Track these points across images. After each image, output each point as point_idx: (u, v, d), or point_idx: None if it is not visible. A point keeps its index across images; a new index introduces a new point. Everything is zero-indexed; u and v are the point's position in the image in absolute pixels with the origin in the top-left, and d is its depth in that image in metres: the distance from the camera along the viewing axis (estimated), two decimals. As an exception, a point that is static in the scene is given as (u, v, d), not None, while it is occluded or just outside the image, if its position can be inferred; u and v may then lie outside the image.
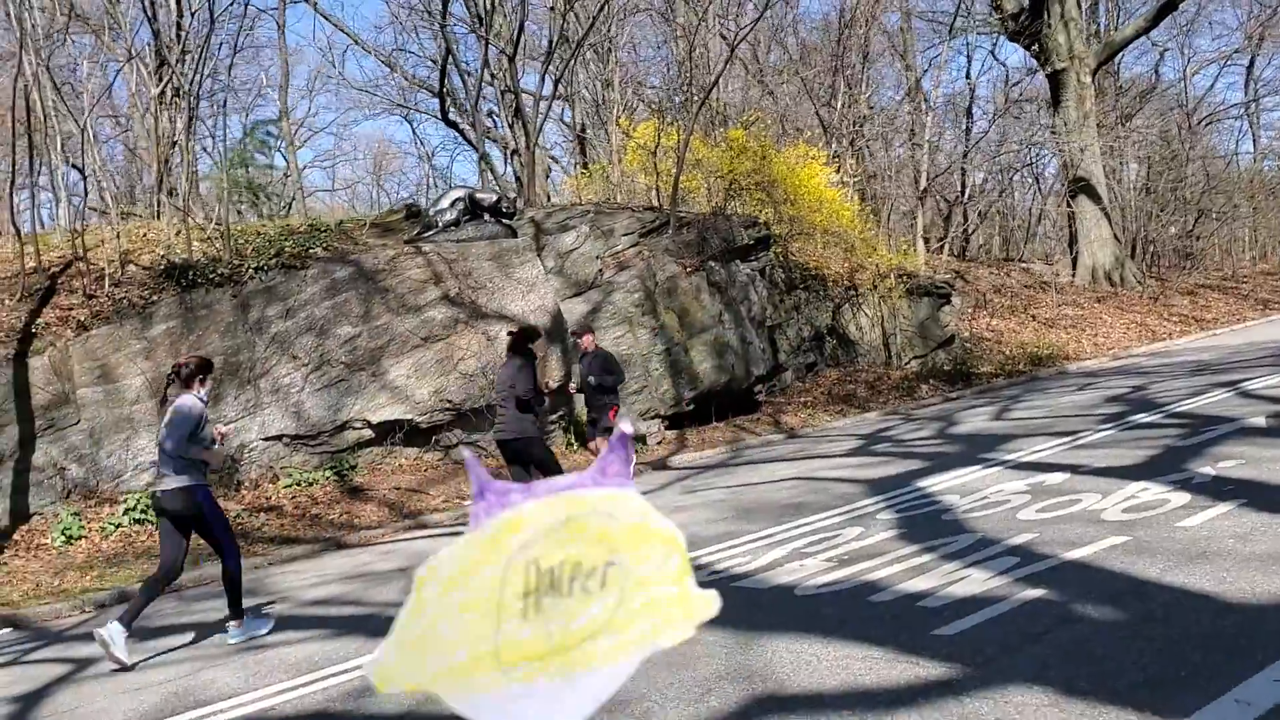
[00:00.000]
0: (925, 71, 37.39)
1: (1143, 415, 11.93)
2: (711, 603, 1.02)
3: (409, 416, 14.26)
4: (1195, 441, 9.49)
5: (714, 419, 16.98)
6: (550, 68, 19.21)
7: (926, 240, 26.35)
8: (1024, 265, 33.60)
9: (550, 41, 18.94)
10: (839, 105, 23.81)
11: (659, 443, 15.91)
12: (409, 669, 0.88)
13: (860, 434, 14.90)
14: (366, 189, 50.98)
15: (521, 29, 19.29)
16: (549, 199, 21.74)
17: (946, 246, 27.13)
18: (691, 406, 16.68)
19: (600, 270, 16.73)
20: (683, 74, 20.58)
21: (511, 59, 18.90)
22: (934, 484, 9.33)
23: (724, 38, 19.70)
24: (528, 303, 15.13)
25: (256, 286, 14.28)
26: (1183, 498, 7.23)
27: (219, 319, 14.00)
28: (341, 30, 26.09)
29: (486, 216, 15.90)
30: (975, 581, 5.82)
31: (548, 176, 22.72)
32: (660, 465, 14.66)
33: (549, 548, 0.93)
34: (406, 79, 24.39)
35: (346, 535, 12.02)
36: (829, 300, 20.73)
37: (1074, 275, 30.84)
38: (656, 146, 18.93)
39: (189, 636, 7.95)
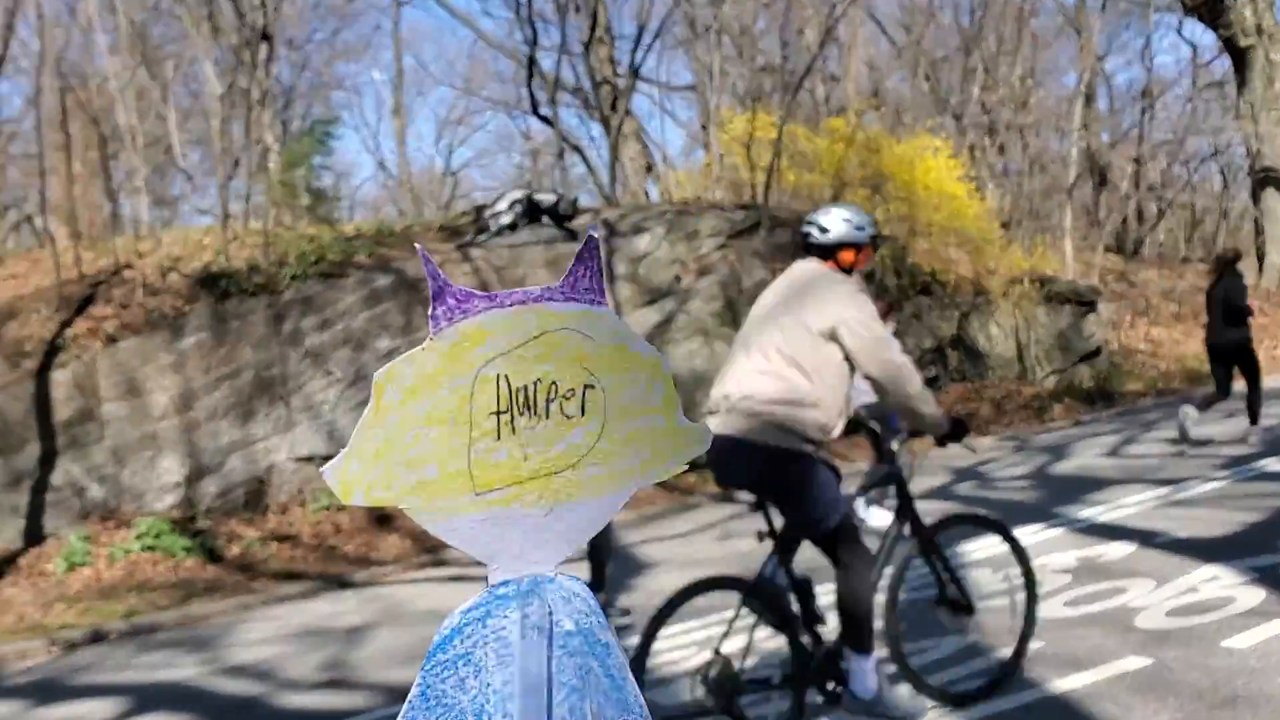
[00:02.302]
0: (1103, 55, 34.24)
1: (1274, 461, 9.70)
2: (702, 436, 0.96)
3: (449, 437, 13.07)
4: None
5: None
6: (635, 55, 17.84)
7: (1085, 239, 23.78)
8: (1205, 266, 30.21)
9: (639, 29, 17.61)
10: (976, 90, 21.55)
11: (736, 468, 14.28)
12: (375, 479, 0.84)
13: (956, 466, 12.97)
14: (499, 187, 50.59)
15: (595, 18, 17.92)
16: (645, 197, 20.36)
17: (1102, 244, 24.38)
18: (777, 427, 14.97)
19: (677, 276, 15.22)
20: (782, 57, 18.86)
21: (587, 47, 17.59)
22: (976, 549, 7.53)
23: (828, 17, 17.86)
24: (583, 313, 13.75)
25: (293, 296, 13.35)
26: (1252, 597, 5.36)
27: (252, 331, 13.13)
28: (469, 26, 25.12)
29: (545, 219, 14.60)
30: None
31: (648, 171, 21.34)
32: (724, 497, 13.05)
33: (519, 363, 0.87)
34: (529, 67, 23.08)
35: (355, 572, 10.91)
36: (954, 308, 18.61)
37: (1260, 277, 27.47)
38: (751, 138, 17.26)
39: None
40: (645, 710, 1.02)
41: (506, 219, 14.37)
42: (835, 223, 4.54)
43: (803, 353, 4.20)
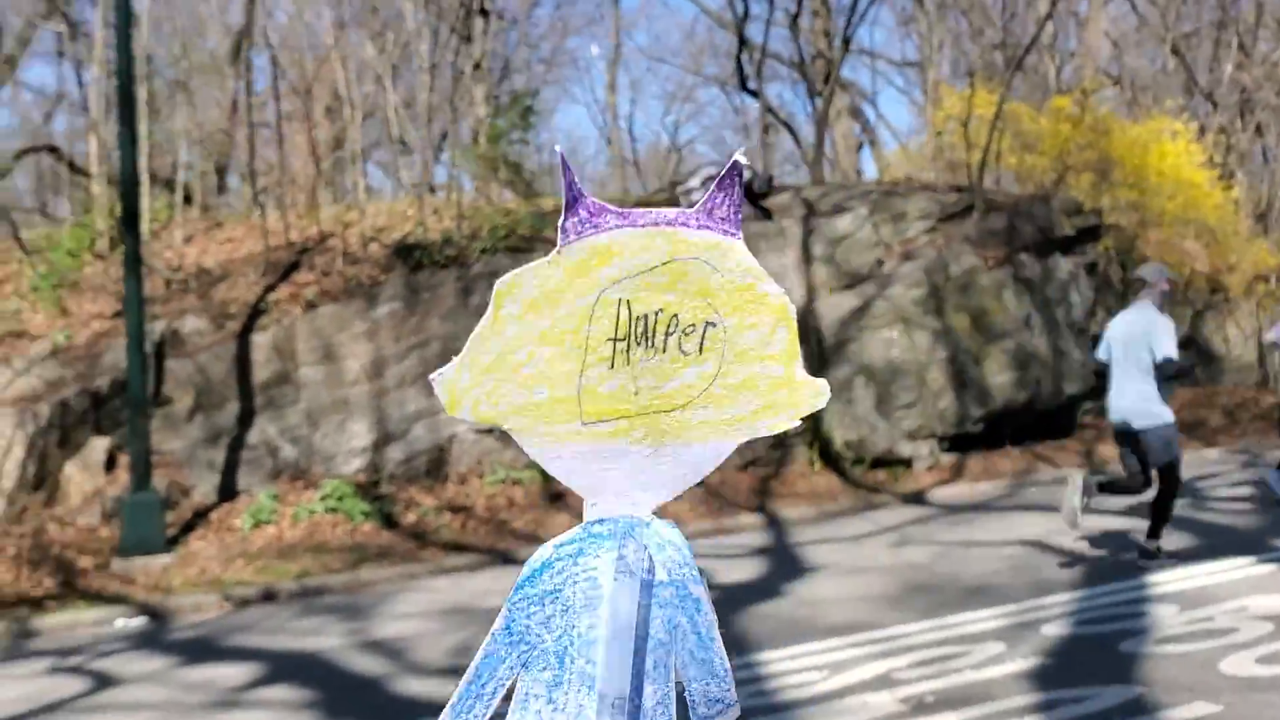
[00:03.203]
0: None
1: None
2: (820, 392, 0.92)
3: (627, 418, 12.82)
4: None
5: (1008, 443, 14.21)
6: (848, 27, 16.93)
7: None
8: None
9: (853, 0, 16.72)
10: (1229, 68, 19.58)
11: (929, 468, 13.46)
12: (483, 394, 0.85)
13: (1174, 479, 11.76)
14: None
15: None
16: (858, 176, 19.49)
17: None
18: (980, 427, 14.02)
19: (879, 260, 14.44)
20: (1002, 29, 17.56)
21: (795, 19, 16.83)
22: (1170, 580, 6.67)
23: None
24: (772, 296, 13.20)
25: (482, 269, 13.38)
26: None
27: (442, 302, 13.25)
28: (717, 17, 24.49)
29: (739, 196, 14.07)
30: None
31: (860, 149, 20.43)
32: (915, 498, 12.31)
33: (643, 289, 0.86)
34: (738, 39, 22.36)
35: (521, 549, 10.81)
36: (1186, 306, 17.02)
37: None
38: (968, 116, 16.18)
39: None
40: (730, 674, 1.00)
41: (698, 195, 13.92)
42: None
43: None
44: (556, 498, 12.28)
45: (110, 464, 12.19)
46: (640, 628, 0.97)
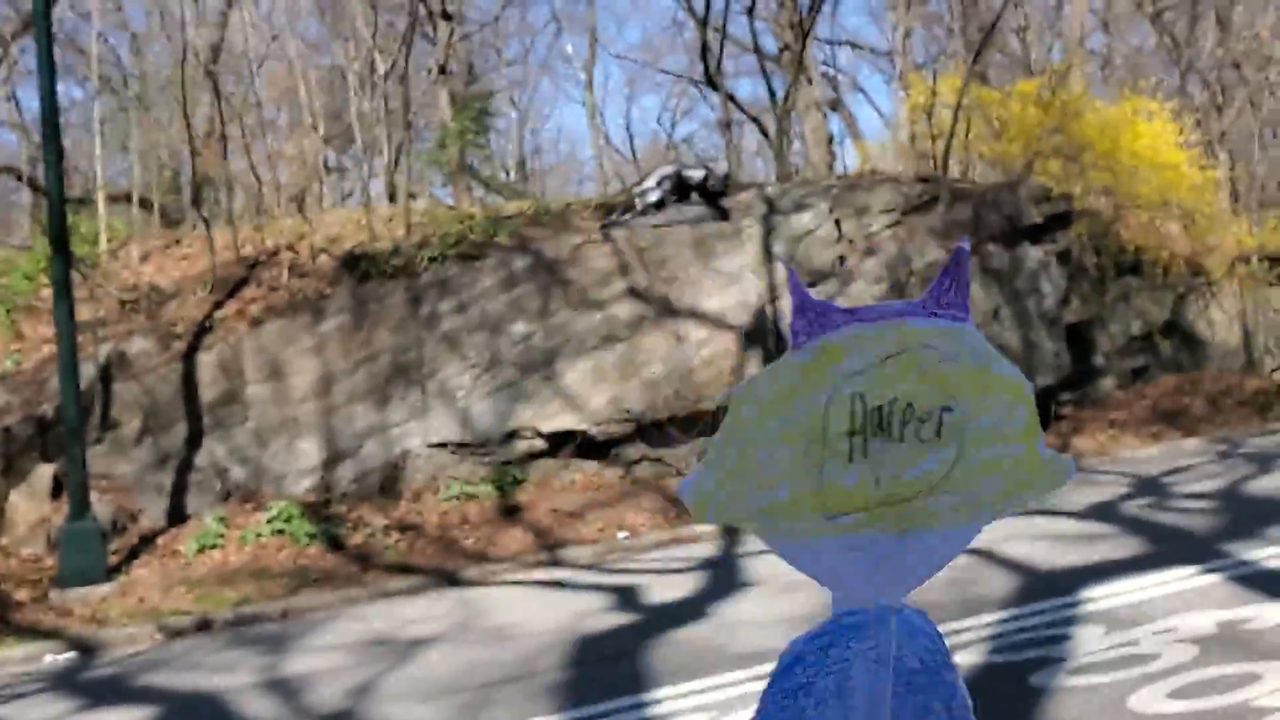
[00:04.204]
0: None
1: None
2: (1065, 469, 0.96)
3: (581, 427, 12.53)
4: None
5: (978, 438, 13.84)
6: (800, 17, 16.52)
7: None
8: None
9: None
10: (1208, 44, 19.11)
11: (896, 466, 13.10)
12: (728, 500, 0.86)
13: (1144, 474, 11.44)
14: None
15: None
16: (829, 171, 19.13)
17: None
18: (948, 422, 13.66)
19: (841, 257, 14.10)
20: (962, 9, 17.12)
21: (750, 10, 16.44)
22: (1104, 596, 6.33)
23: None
24: (727, 298, 12.87)
25: (431, 279, 13.09)
26: None
27: (391, 314, 12.95)
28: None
29: (694, 197, 13.75)
30: None
31: (831, 144, 20.04)
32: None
33: (877, 382, 0.88)
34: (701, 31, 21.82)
35: (467, 569, 10.52)
36: (1167, 289, 16.62)
37: None
38: (932, 104, 15.80)
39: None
40: None
41: (654, 196, 13.63)
42: None
43: None
44: (511, 512, 11.99)
45: (57, 491, 11.92)
46: (894, 715, 0.96)
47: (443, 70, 20.15)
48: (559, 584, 9.37)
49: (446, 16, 20.28)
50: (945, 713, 0.99)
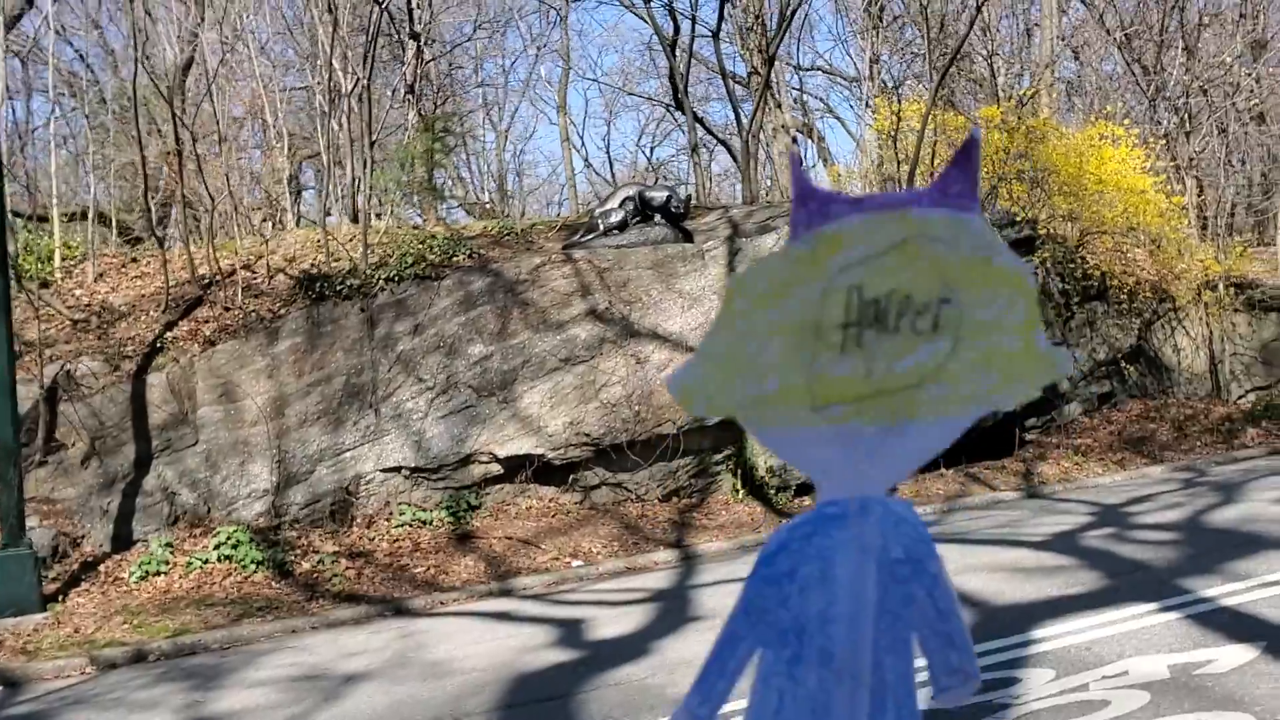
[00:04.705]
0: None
1: None
2: (1061, 361, 0.92)
3: (539, 451, 12.30)
4: None
5: (942, 465, 13.70)
6: (762, 40, 16.41)
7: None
8: None
9: (784, 12, 16.13)
10: (1175, 69, 19.10)
11: (859, 493, 12.92)
12: (715, 389, 0.86)
13: (1107, 502, 11.30)
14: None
15: (723, 3, 16.62)
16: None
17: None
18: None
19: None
20: (926, 35, 17.02)
21: (715, 35, 16.30)
22: (1056, 635, 6.13)
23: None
24: (688, 319, 12.67)
25: (387, 299, 12.86)
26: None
27: (346, 335, 12.71)
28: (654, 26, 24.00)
29: (657, 217, 13.57)
30: None
31: (799, 165, 19.76)
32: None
33: (876, 274, 0.86)
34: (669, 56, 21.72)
35: (415, 598, 10.27)
36: (1133, 315, 16.54)
37: None
38: (897, 128, 15.70)
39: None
40: (970, 646, 1.01)
41: (615, 217, 13.44)
42: None
43: None
44: (464, 539, 11.75)
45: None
46: (878, 604, 0.97)
47: (411, 91, 19.98)
48: (505, 615, 9.12)
49: (414, 36, 20.13)
50: (929, 602, 1.00)
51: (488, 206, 27.29)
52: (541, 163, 67.88)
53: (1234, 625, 5.84)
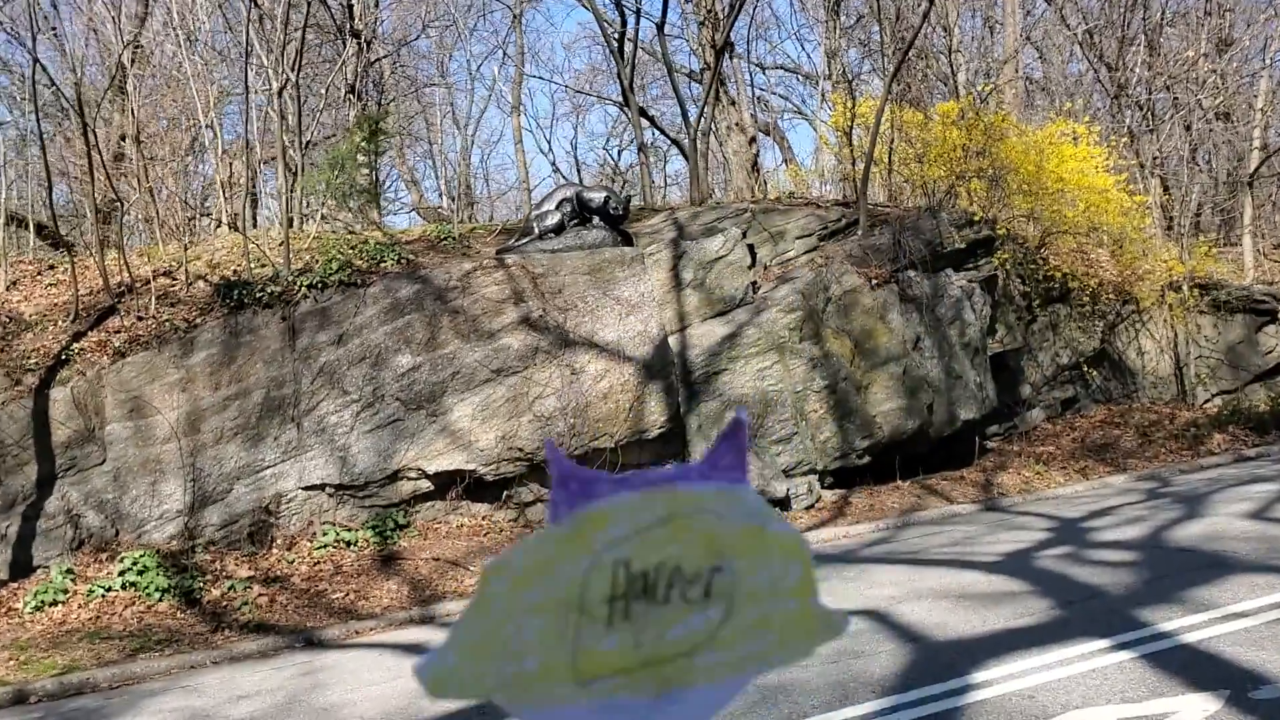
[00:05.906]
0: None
1: None
2: (839, 622, 0.89)
3: (470, 467, 11.61)
4: None
5: (899, 475, 13.12)
6: (715, 35, 15.77)
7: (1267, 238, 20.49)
8: None
9: (730, 4, 15.52)
10: (1137, 67, 18.61)
11: (809, 506, 12.31)
12: (469, 676, 0.79)
13: (1065, 516, 10.73)
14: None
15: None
16: (755, 195, 18.36)
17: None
18: (865, 459, 12.92)
19: (754, 283, 13.33)
20: (879, 30, 16.43)
21: (660, 28, 15.65)
22: (998, 678, 5.50)
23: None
24: (626, 328, 12.02)
25: (310, 307, 12.14)
26: None
27: (265, 345, 11.98)
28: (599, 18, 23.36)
29: (595, 220, 12.91)
30: None
31: (757, 167, 19.21)
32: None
33: (644, 548, 0.82)
34: (618, 53, 21.04)
35: (330, 627, 9.57)
36: (1096, 318, 16.02)
37: None
38: (852, 124, 15.11)
39: None
40: None
41: (551, 220, 12.76)
42: None
43: None
44: (389, 561, 11.04)
45: (-111, 542, 10.83)
46: None
47: (352, 90, 19.25)
48: (420, 648, 8.42)
49: (355, 34, 19.40)
50: None
51: (440, 212, 26.55)
52: (509, 167, 67.13)
53: (1194, 667, 5.23)
